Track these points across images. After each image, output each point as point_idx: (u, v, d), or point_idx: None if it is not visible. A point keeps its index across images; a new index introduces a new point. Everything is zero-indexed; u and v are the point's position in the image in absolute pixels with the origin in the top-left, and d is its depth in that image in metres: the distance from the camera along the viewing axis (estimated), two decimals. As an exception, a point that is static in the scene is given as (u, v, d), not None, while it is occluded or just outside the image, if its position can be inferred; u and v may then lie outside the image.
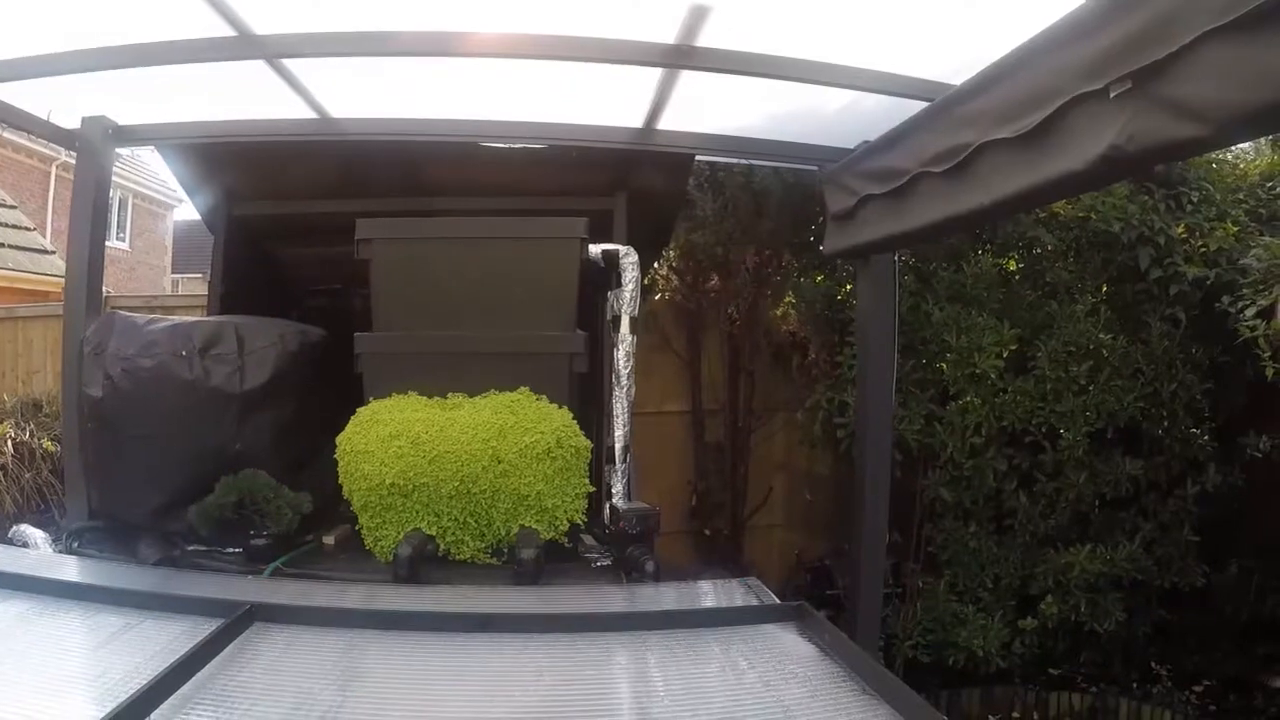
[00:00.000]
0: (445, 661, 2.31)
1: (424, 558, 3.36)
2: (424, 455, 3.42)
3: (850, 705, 2.01)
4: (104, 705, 1.90)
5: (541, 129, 4.59)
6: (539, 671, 2.25)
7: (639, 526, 3.55)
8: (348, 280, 5.63)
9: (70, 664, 2.23)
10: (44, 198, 19.70)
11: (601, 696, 2.17)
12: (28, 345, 8.82)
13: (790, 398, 7.19)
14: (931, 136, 3.40)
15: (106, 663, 2.23)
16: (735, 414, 7.41)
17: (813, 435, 6.57)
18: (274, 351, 3.90)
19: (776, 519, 7.44)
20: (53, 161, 20.11)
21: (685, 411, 7.44)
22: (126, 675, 2.11)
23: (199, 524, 3.66)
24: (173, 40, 3.79)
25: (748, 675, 2.20)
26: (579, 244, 3.98)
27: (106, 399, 3.83)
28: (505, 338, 3.95)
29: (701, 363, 7.47)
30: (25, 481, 7.24)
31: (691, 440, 7.48)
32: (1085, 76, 2.42)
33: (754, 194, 6.87)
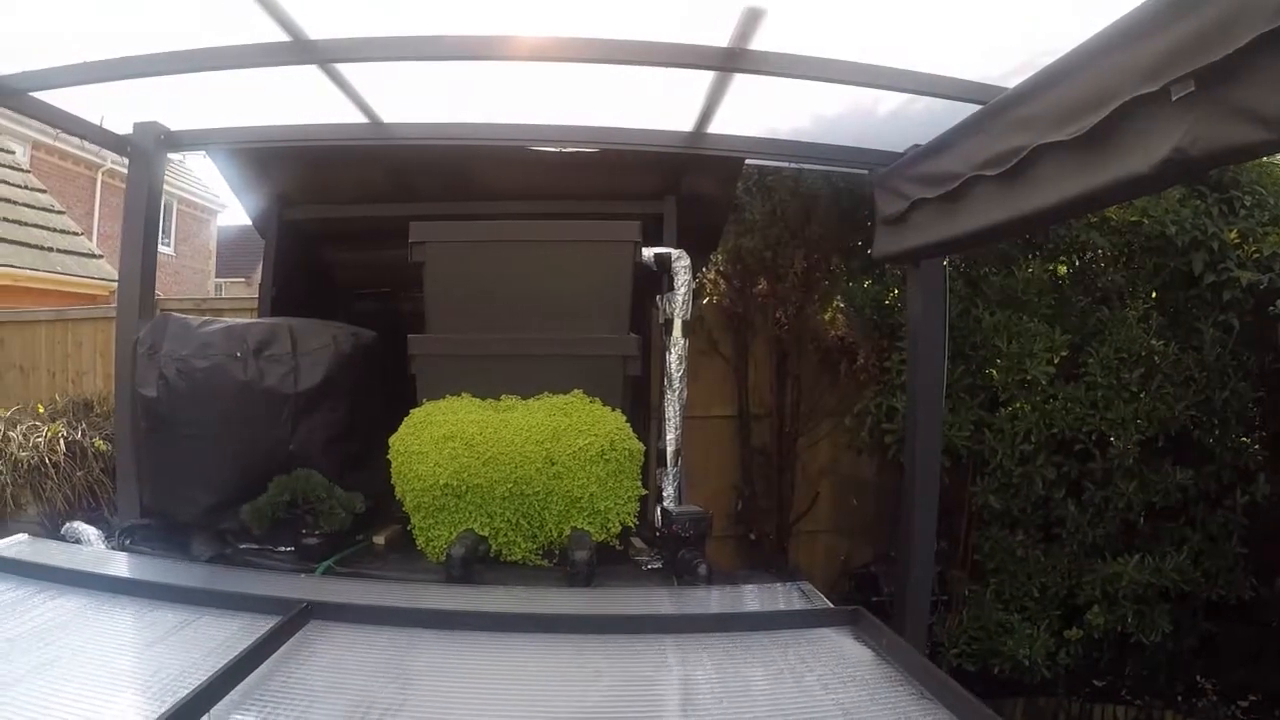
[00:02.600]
0: (503, 661, 2.30)
1: (476, 558, 3.36)
2: (478, 456, 3.42)
3: (909, 709, 2.00)
4: (163, 701, 1.92)
5: (591, 133, 4.59)
6: (597, 672, 2.24)
7: (692, 529, 3.52)
8: (395, 284, 5.69)
9: (128, 659, 2.25)
10: (90, 203, 20.00)
11: (661, 698, 2.15)
12: (77, 346, 8.93)
13: (837, 403, 7.16)
14: (985, 140, 3.37)
15: (163, 658, 2.24)
16: (782, 419, 7.36)
17: (860, 440, 6.54)
18: (327, 353, 3.93)
19: (822, 525, 7.39)
20: (98, 168, 20.44)
21: (731, 416, 7.39)
22: (184, 671, 2.13)
23: (252, 522, 3.68)
24: (227, 46, 3.81)
25: (806, 678, 2.18)
26: (633, 247, 3.97)
27: (161, 399, 3.85)
28: (559, 340, 3.95)
29: (748, 367, 7.42)
30: (77, 480, 7.34)
31: (737, 445, 7.43)
32: (1144, 78, 2.39)
33: (802, 198, 6.84)
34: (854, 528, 7.40)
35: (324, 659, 2.28)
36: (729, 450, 7.41)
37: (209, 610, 2.61)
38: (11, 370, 9.23)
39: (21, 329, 9.31)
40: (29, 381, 9.10)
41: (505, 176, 5.14)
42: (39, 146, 18.56)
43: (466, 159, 4.96)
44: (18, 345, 9.26)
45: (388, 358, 4.30)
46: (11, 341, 9.29)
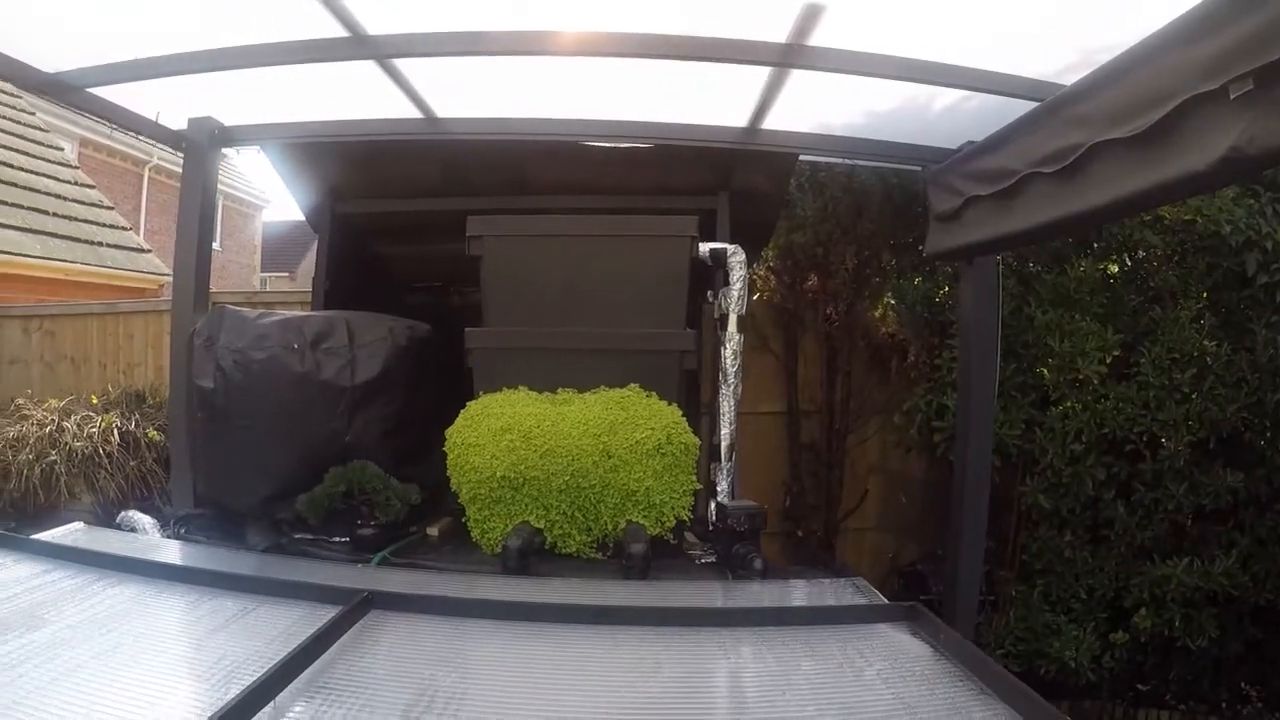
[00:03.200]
0: (564, 652, 2.31)
1: (532, 551, 3.37)
2: (535, 449, 3.43)
3: (970, 704, 1.99)
4: (227, 688, 1.95)
5: (645, 128, 4.60)
6: (658, 664, 2.24)
7: (747, 524, 3.52)
8: (447, 278, 5.71)
9: (189, 646, 2.29)
10: (138, 199, 20.27)
11: (723, 690, 2.16)
12: (129, 339, 9.03)
13: (886, 400, 7.12)
14: (1042, 137, 3.35)
15: (225, 646, 2.26)
16: (831, 415, 7.34)
17: (909, 438, 6.50)
18: (384, 346, 3.96)
19: (869, 522, 7.36)
20: (145, 164, 20.73)
21: (780, 412, 7.38)
22: (246, 659, 2.15)
23: (308, 513, 3.72)
24: (286, 42, 3.85)
25: (866, 672, 2.17)
26: (690, 242, 3.97)
27: (218, 390, 3.90)
28: (615, 334, 3.95)
29: (798, 363, 7.41)
30: (130, 470, 7.44)
31: (786, 441, 7.40)
32: (1202, 76, 2.38)
33: (854, 194, 6.81)
34: (901, 526, 7.36)
35: (385, 648, 2.29)
36: (777, 446, 7.39)
37: (268, 599, 2.64)
38: (63, 362, 9.33)
39: (73, 321, 9.42)
40: (80, 373, 9.20)
41: (557, 171, 5.15)
42: (86, 144, 18.83)
43: (518, 154, 4.98)
44: (69, 337, 9.37)
45: (441, 351, 4.33)
46: (63, 334, 9.39)
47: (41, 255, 11.44)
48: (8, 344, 9.62)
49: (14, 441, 7.62)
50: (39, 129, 14.88)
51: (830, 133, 4.68)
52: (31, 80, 4.07)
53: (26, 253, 11.22)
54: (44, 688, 1.98)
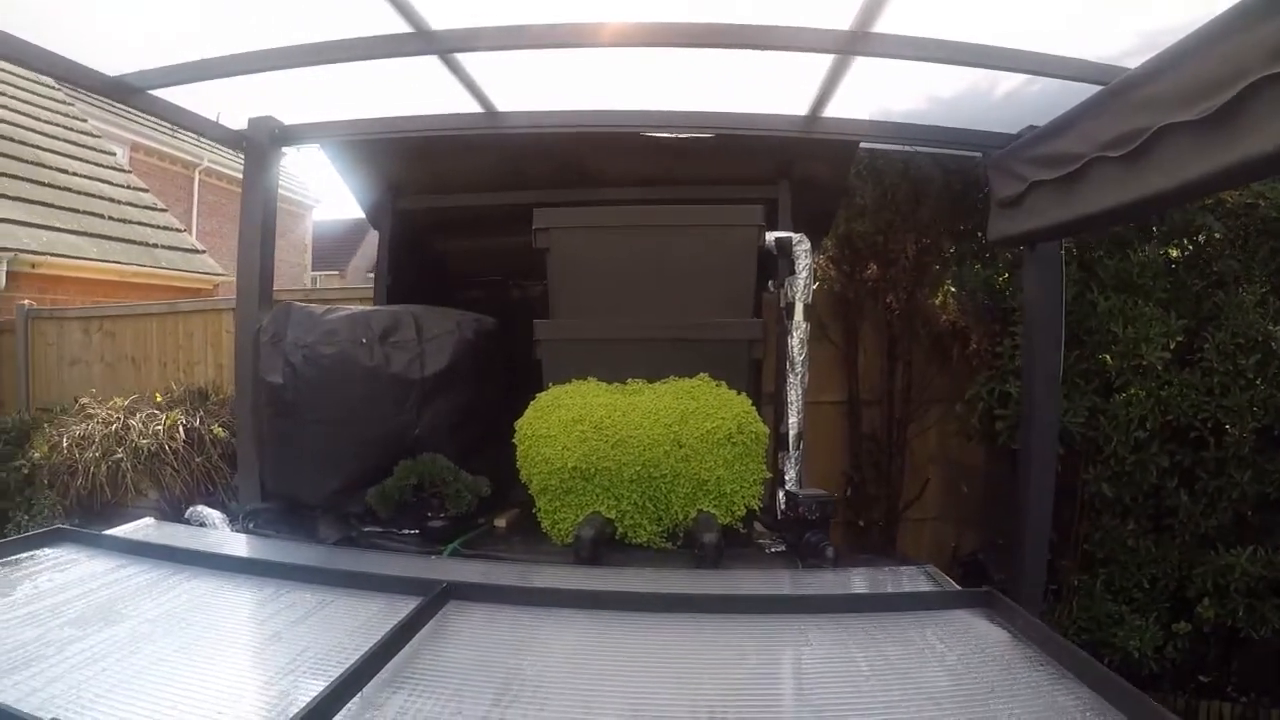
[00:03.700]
0: (647, 640, 2.32)
1: (604, 540, 3.38)
2: (606, 439, 3.45)
3: (1052, 688, 1.99)
4: (314, 679, 1.99)
5: (705, 118, 4.58)
6: (743, 651, 2.25)
7: (818, 512, 3.52)
8: (506, 272, 5.73)
9: (271, 640, 2.30)
10: (189, 202, 20.50)
11: (809, 675, 2.14)
12: (188, 338, 9.15)
13: (945, 389, 7.06)
14: (1107, 120, 3.30)
15: (307, 639, 2.29)
16: (891, 405, 7.28)
17: (969, 427, 6.44)
18: (451, 339, 3.99)
19: (928, 512, 7.29)
20: (195, 167, 20.98)
21: (840, 402, 7.32)
22: (329, 650, 2.18)
23: (378, 506, 3.75)
24: (347, 39, 3.89)
25: (948, 658, 2.17)
26: (757, 231, 3.97)
27: (286, 385, 3.94)
28: (684, 324, 3.95)
29: (858, 352, 7.35)
30: (195, 466, 7.53)
31: (846, 430, 7.36)
32: (1272, 57, 2.34)
33: (913, 181, 6.76)
34: (961, 515, 7.29)
35: (467, 638, 2.31)
36: (838, 436, 7.35)
37: (346, 591, 2.68)
38: (123, 362, 9.47)
39: (133, 322, 9.55)
40: (140, 372, 9.34)
41: (616, 163, 5.15)
42: (137, 148, 19.07)
43: (578, 146, 4.98)
44: (129, 337, 9.50)
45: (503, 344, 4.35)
46: (123, 334, 9.53)
47: (98, 258, 11.61)
48: (68, 345, 9.80)
49: (80, 439, 7.72)
50: (91, 135, 15.10)
51: (891, 119, 4.64)
52: (95, 83, 4.12)
53: (83, 255, 11.38)
54: (128, 681, 2.02)
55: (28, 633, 2.26)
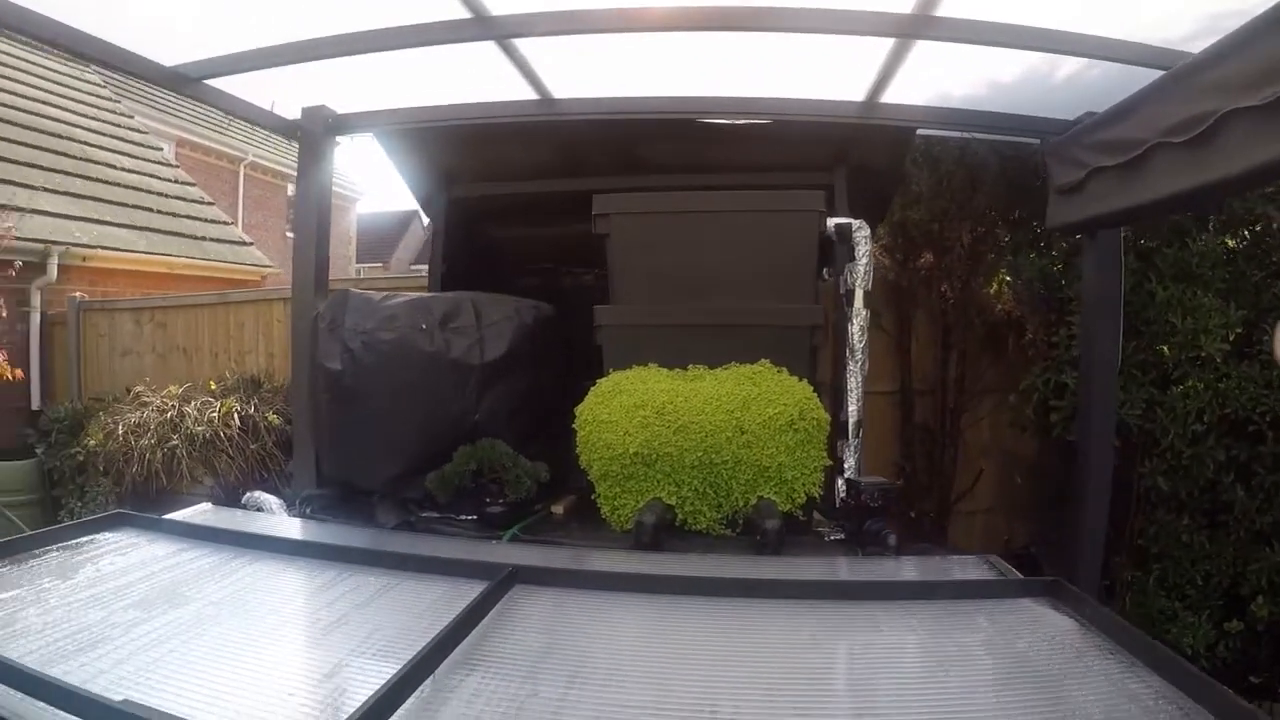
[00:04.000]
0: (716, 624, 2.30)
1: (664, 527, 3.37)
2: (668, 425, 3.43)
3: (1124, 677, 1.96)
4: (386, 661, 1.98)
5: (761, 104, 4.57)
6: (813, 637, 2.23)
7: (880, 500, 3.49)
8: (558, 259, 5.73)
9: (338, 623, 2.30)
10: (234, 196, 20.71)
11: (880, 661, 2.12)
12: (239, 328, 9.22)
13: (999, 379, 6.97)
14: (1170, 105, 3.24)
15: (374, 621, 2.29)
16: (945, 394, 7.22)
17: (1023, 418, 6.37)
18: (511, 325, 3.99)
19: (980, 503, 7.20)
20: (240, 162, 21.19)
21: (893, 391, 7.26)
22: (397, 633, 2.18)
23: (437, 491, 3.76)
24: (403, 26, 3.89)
25: (1017, 645, 2.15)
26: (818, 217, 3.94)
27: (345, 371, 3.95)
28: (745, 310, 3.92)
29: (911, 342, 7.29)
30: (250, 453, 7.61)
31: (898, 420, 7.31)
32: None
33: (968, 168, 6.68)
34: (1013, 507, 7.19)
35: (535, 621, 2.30)
36: (890, 426, 7.28)
37: (410, 574, 2.68)
38: (175, 352, 9.57)
39: (184, 312, 9.64)
40: (191, 362, 9.42)
41: (671, 150, 5.13)
42: (183, 144, 19.27)
43: (632, 133, 4.95)
44: (180, 328, 9.59)
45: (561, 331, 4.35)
46: (174, 325, 9.62)
47: (147, 250, 11.73)
48: (120, 335, 9.92)
49: (136, 427, 7.82)
50: (138, 130, 15.25)
51: (948, 105, 4.60)
52: (152, 74, 4.16)
53: (133, 248, 11.51)
54: (197, 663, 2.03)
55: (93, 615, 2.28)
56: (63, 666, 1.93)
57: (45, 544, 2.87)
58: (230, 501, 4.01)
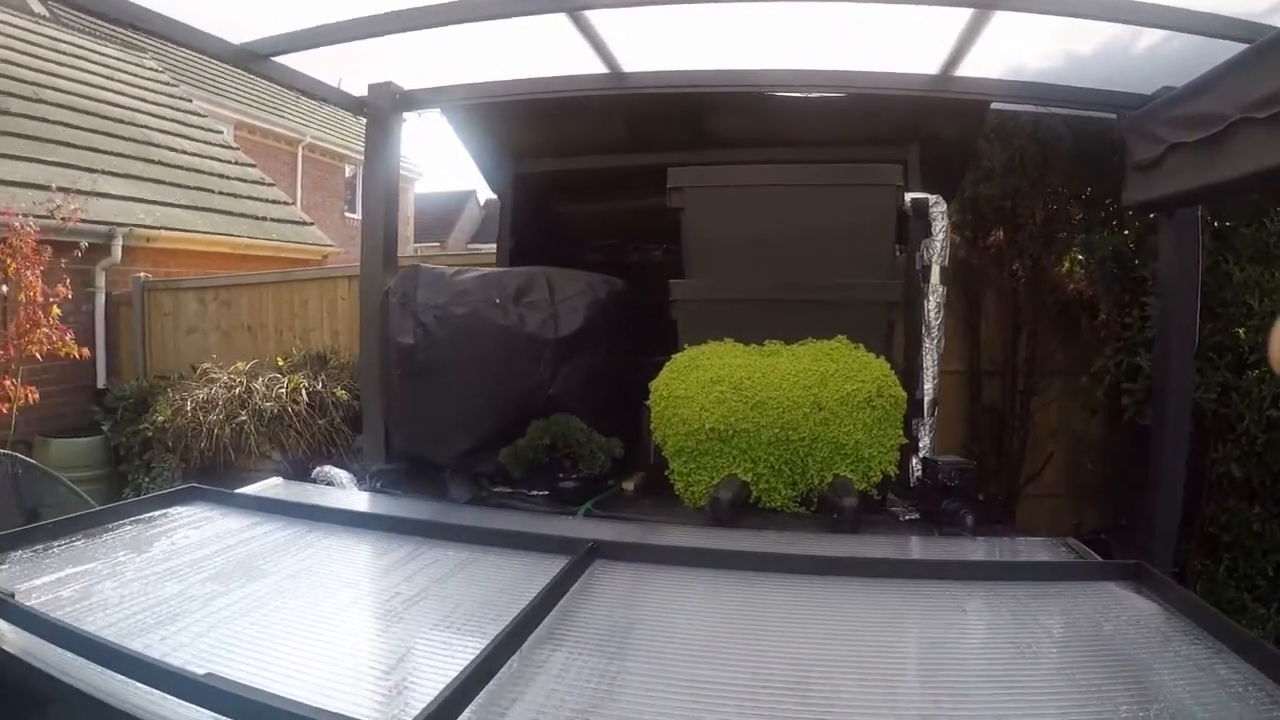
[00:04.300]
0: (803, 602, 2.27)
1: (740, 504, 3.33)
2: (746, 401, 3.39)
3: (1212, 662, 1.91)
4: (471, 636, 1.97)
5: (833, 77, 4.50)
6: (900, 616, 2.21)
7: (957, 480, 3.44)
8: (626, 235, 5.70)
9: (418, 597, 2.29)
10: (293, 177, 20.92)
11: (967, 641, 2.10)
12: (303, 305, 9.32)
13: (1069, 361, 6.84)
14: (1253, 80, 3.15)
15: (457, 596, 2.29)
16: (1014, 376, 7.08)
17: (1095, 401, 6.26)
18: (585, 300, 3.98)
19: (1048, 488, 7.07)
20: (299, 143, 21.41)
21: (961, 372, 7.13)
22: (478, 607, 2.18)
23: (511, 466, 3.75)
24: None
25: (1104, 628, 2.10)
26: (895, 191, 3.88)
27: (418, 346, 3.96)
28: (821, 285, 3.86)
29: (980, 321, 7.17)
30: (318, 428, 7.70)
31: (967, 402, 7.19)
32: None
33: (1041, 143, 6.54)
34: (1081, 492, 7.06)
35: (618, 596, 2.29)
36: (958, 407, 7.14)
37: (487, 549, 2.67)
38: (239, 330, 9.70)
39: (248, 291, 9.76)
40: (256, 340, 9.54)
41: (741, 124, 5.06)
42: (241, 126, 19.50)
43: (702, 107, 4.91)
44: (245, 306, 9.72)
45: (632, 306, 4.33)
46: (239, 303, 9.75)
47: (210, 230, 11.87)
48: (184, 314, 10.08)
49: (204, 403, 7.93)
50: (197, 114, 15.42)
51: (1023, 79, 4.51)
52: (221, 51, 4.20)
53: (195, 229, 11.65)
54: (278, 636, 2.04)
55: (170, 588, 2.29)
56: (142, 640, 1.94)
57: (119, 518, 2.90)
58: (298, 477, 4.03)
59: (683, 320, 3.95)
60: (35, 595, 2.17)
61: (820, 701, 1.71)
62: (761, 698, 1.72)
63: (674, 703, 1.71)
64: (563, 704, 1.68)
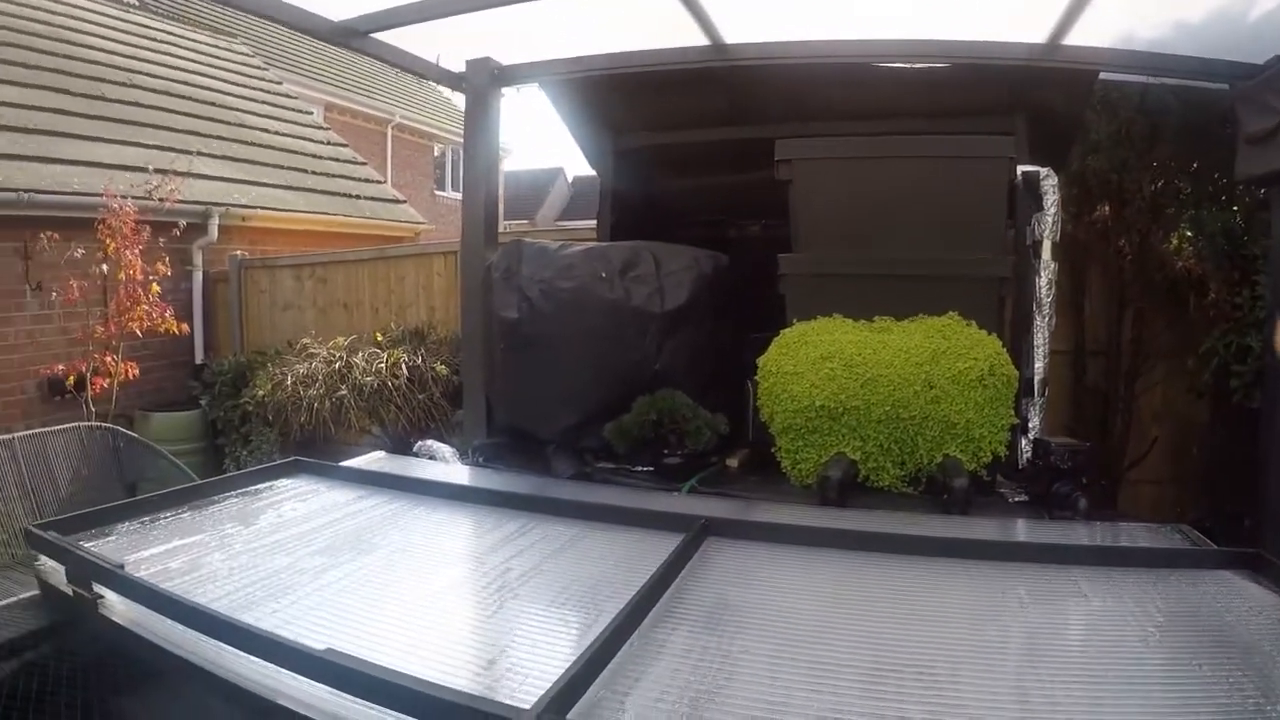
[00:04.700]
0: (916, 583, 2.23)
1: (848, 482, 3.29)
2: (856, 378, 3.34)
3: None
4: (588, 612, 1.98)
5: (938, 47, 4.37)
6: (1020, 600, 2.15)
7: (1070, 462, 3.35)
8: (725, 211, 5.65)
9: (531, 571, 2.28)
10: (383, 156, 21.13)
11: (1087, 628, 2.05)
12: (399, 282, 9.41)
13: (1176, 342, 6.59)
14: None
15: (571, 572, 2.28)
16: (1118, 356, 6.85)
17: (1201, 384, 6.06)
18: (690, 274, 3.95)
19: (1150, 473, 6.85)
20: (388, 123, 21.65)
21: (1065, 351, 6.82)
22: (595, 583, 2.17)
23: (616, 441, 3.74)
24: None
25: (1225, 617, 2.03)
26: (1009, 164, 3.78)
27: (523, 320, 3.96)
28: (932, 260, 3.78)
29: (1084, 300, 6.93)
30: (417, 403, 7.78)
31: (1070, 382, 6.97)
32: None
33: (1149, 115, 6.30)
34: (1184, 478, 6.84)
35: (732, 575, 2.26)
36: (1060, 388, 6.85)
37: (597, 525, 2.66)
38: (335, 306, 9.85)
39: (344, 268, 9.90)
40: (352, 316, 9.67)
41: (844, 96, 4.93)
42: (331, 108, 19.76)
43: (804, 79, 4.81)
44: (341, 283, 9.86)
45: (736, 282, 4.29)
46: (334, 280, 9.90)
47: (305, 209, 12.08)
48: (280, 291, 10.28)
49: (304, 378, 8.09)
50: (287, 96, 15.69)
51: (1132, 47, 4.37)
52: (318, 28, 4.23)
53: (290, 208, 11.86)
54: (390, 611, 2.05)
55: (279, 560, 2.31)
56: (254, 613, 1.94)
57: (225, 490, 2.94)
58: (397, 451, 4.06)
59: (791, 295, 3.89)
60: (144, 567, 2.20)
61: (943, 685, 1.68)
62: (884, 679, 1.69)
63: (796, 683, 1.68)
64: (687, 684, 1.66)
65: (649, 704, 1.58)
